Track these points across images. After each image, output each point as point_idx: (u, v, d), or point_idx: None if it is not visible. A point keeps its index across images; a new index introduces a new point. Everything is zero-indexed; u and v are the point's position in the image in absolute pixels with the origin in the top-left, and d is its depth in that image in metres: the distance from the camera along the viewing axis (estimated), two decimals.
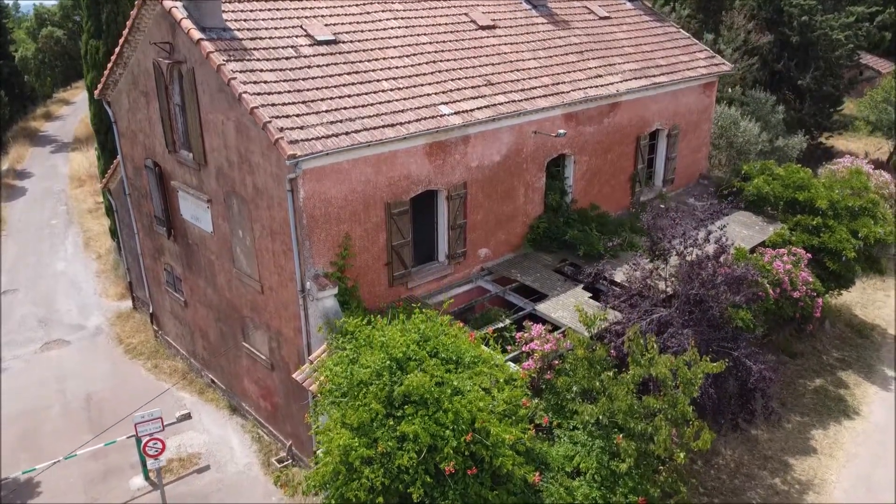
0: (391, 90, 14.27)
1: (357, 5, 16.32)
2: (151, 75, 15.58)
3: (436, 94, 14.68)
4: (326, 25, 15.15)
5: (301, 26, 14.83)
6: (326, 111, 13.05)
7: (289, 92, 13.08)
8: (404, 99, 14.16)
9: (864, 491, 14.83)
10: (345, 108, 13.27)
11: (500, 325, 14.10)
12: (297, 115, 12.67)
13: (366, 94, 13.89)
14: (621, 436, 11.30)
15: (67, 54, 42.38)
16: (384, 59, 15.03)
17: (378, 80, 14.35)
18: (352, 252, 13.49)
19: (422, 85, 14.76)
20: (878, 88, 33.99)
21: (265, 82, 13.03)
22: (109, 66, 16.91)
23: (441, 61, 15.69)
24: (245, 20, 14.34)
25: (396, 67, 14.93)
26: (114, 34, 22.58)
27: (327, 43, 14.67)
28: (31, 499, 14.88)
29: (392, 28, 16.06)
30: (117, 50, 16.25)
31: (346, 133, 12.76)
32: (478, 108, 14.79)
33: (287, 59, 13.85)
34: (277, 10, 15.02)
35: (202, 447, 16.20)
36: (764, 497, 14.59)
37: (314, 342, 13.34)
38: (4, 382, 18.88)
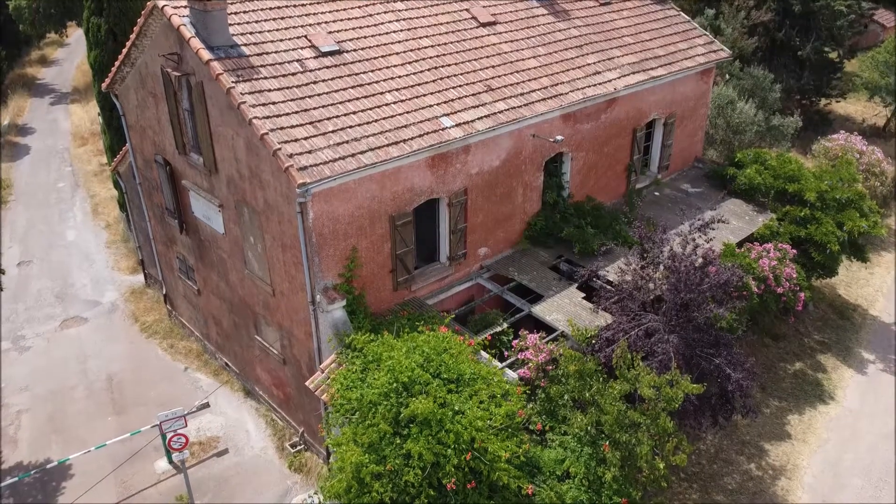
0: (394, 103, 14.68)
1: (360, 7, 16.49)
2: (160, 79, 15.90)
3: (437, 104, 15.10)
4: (330, 33, 15.40)
5: (306, 36, 15.09)
6: (333, 131, 13.54)
7: (296, 112, 13.53)
8: (407, 112, 14.59)
9: (832, 476, 16.12)
10: (350, 127, 13.75)
11: (498, 328, 15.03)
12: (305, 139, 13.18)
13: (370, 109, 14.30)
14: (608, 443, 12.42)
15: (62, 2, 41.94)
16: (387, 67, 15.34)
17: (381, 93, 14.74)
18: (358, 263, 14.25)
19: (424, 95, 15.15)
20: (881, 48, 33.86)
21: (273, 103, 13.47)
22: (117, 64, 17.18)
23: (442, 66, 16.00)
24: (251, 32, 14.61)
25: (399, 77, 15.27)
26: (115, 12, 22.65)
27: (331, 54, 14.98)
28: (64, 481, 16.17)
29: (394, 32, 16.27)
30: (124, 51, 16.52)
31: (352, 155, 13.30)
32: (478, 119, 15.24)
33: (293, 74, 14.21)
34: (282, 18, 15.24)
35: (220, 430, 17.39)
36: (739, 482, 15.88)
37: (324, 348, 14.27)
38: (30, 361, 19.96)
